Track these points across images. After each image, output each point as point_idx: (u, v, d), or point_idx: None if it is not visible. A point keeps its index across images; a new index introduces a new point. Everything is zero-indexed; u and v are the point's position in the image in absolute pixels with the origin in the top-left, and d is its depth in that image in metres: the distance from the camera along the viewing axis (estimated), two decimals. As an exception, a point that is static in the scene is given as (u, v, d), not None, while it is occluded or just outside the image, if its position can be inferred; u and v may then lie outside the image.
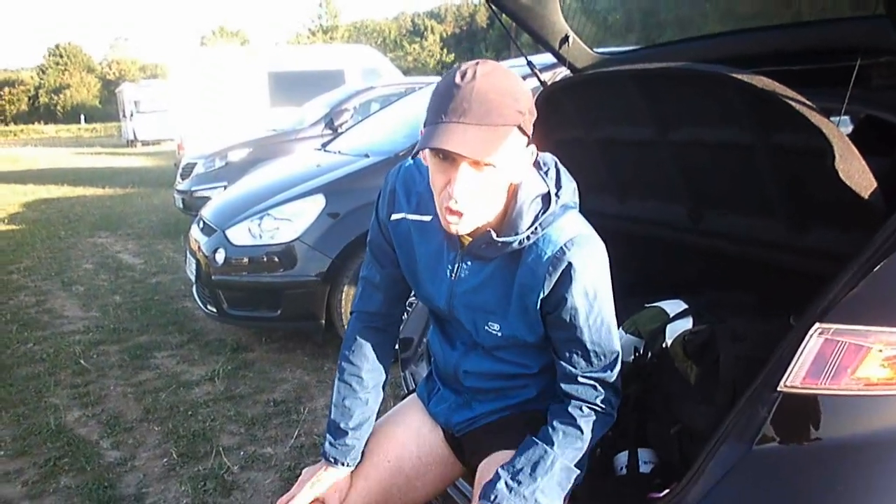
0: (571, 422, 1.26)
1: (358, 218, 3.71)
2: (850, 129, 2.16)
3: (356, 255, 3.66)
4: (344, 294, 3.68)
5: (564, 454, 1.24)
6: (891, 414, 1.14)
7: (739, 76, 1.42)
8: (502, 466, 1.26)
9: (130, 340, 4.33)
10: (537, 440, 1.27)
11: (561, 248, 1.19)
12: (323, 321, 3.73)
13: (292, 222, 3.74)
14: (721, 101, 1.56)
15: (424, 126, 1.13)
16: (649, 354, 1.71)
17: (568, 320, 1.23)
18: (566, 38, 2.17)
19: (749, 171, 1.65)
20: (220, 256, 3.82)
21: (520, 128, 1.12)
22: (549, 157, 1.30)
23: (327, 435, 1.47)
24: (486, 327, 1.32)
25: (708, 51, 1.97)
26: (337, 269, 3.66)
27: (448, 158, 1.11)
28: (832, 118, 1.41)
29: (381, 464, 1.48)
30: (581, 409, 1.27)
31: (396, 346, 1.66)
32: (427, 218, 1.33)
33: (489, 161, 1.10)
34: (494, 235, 1.20)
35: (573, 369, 1.27)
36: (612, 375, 1.28)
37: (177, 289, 5.52)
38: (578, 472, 1.27)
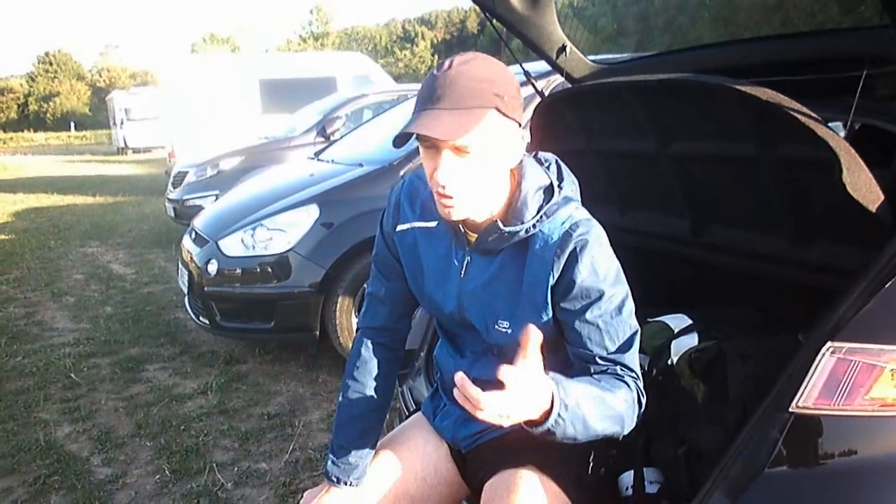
0: (615, 377, 1.21)
1: (352, 228, 3.68)
2: (843, 133, 2.14)
3: (350, 265, 3.63)
4: (338, 305, 3.64)
5: (616, 394, 1.17)
6: (906, 435, 1.11)
7: (743, 88, 1.40)
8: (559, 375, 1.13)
9: (122, 353, 4.27)
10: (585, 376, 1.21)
11: (567, 231, 1.22)
12: (317, 332, 3.69)
13: (286, 233, 3.70)
14: (724, 113, 1.54)
15: None
16: (654, 371, 1.68)
17: (580, 303, 1.23)
18: (563, 48, 2.15)
19: (752, 183, 1.63)
20: (213, 267, 3.77)
21: (499, 110, 1.15)
22: (549, 155, 1.35)
23: (330, 454, 1.44)
24: (497, 326, 1.32)
25: (709, 60, 1.95)
26: (331, 279, 3.62)
27: (433, 146, 1.15)
28: (829, 125, 1.39)
29: (386, 486, 1.44)
30: (616, 373, 1.22)
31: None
32: (433, 224, 1.36)
33: (467, 145, 1.13)
34: (501, 225, 1.23)
35: (590, 353, 1.24)
36: (633, 358, 1.25)
37: (168, 299, 5.46)
38: (617, 427, 1.18)
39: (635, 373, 1.26)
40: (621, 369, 1.24)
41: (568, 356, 1.34)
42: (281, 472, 2.78)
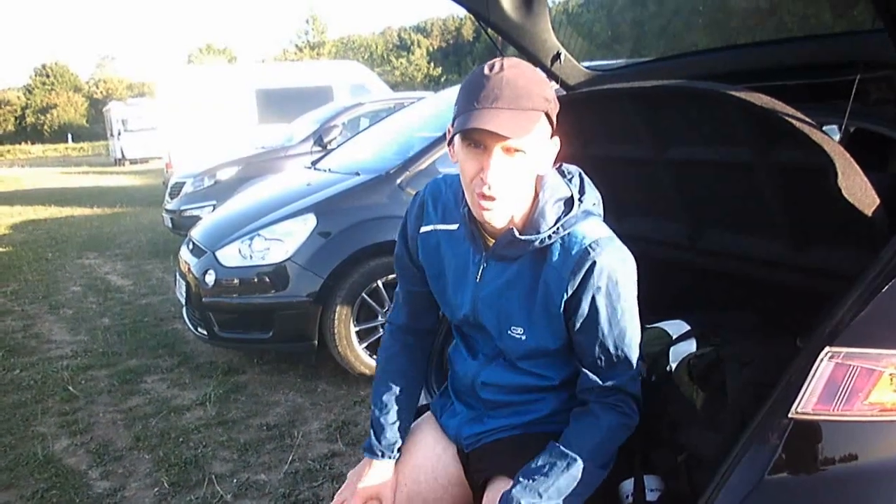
0: (591, 420, 1.28)
1: (349, 237, 3.68)
2: (838, 137, 2.14)
3: (348, 274, 3.63)
4: (336, 314, 3.63)
5: (582, 452, 1.24)
6: (906, 440, 1.11)
7: (738, 94, 1.40)
8: (521, 470, 1.27)
9: (119, 365, 4.26)
10: (557, 443, 1.28)
11: (586, 248, 1.22)
12: (315, 342, 3.68)
13: (283, 242, 3.70)
14: (720, 118, 1.54)
15: (455, 118, 1.18)
16: (653, 378, 1.67)
17: (591, 323, 1.25)
18: (558, 55, 2.15)
19: (749, 188, 1.63)
20: (211, 278, 3.77)
21: (547, 115, 1.18)
22: (573, 168, 1.37)
23: (370, 431, 1.50)
24: (510, 331, 1.33)
25: (703, 66, 1.95)
26: (329, 289, 3.62)
27: (480, 146, 1.16)
28: (825, 129, 1.39)
29: (400, 487, 1.47)
30: (600, 406, 1.29)
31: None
32: (454, 227, 1.37)
33: (520, 146, 1.15)
34: (517, 233, 1.24)
35: (595, 377, 1.28)
36: (635, 384, 1.30)
37: (166, 310, 5.45)
38: (601, 471, 1.27)
39: (634, 397, 1.30)
40: (621, 399, 1.29)
41: None
42: (280, 483, 2.77)
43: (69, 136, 52.26)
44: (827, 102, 1.65)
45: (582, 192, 1.30)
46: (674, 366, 1.63)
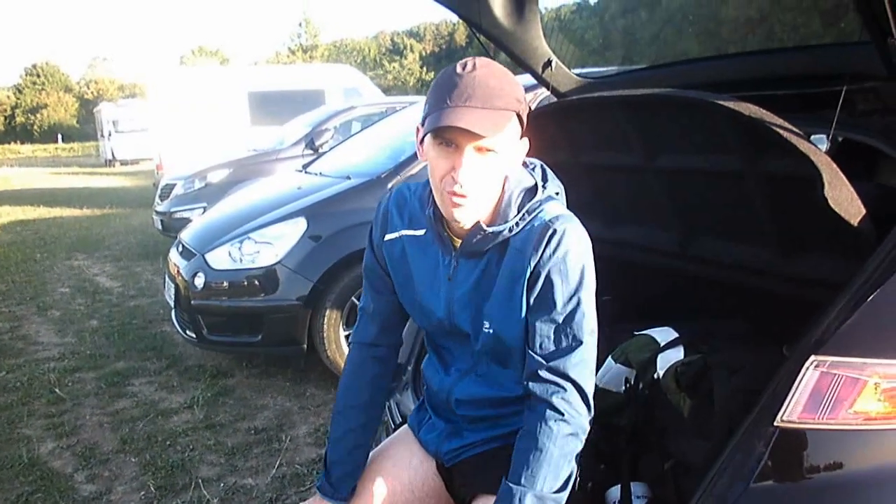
0: (532, 445, 1.22)
1: (340, 241, 3.67)
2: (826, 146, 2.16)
3: (338, 278, 3.63)
4: (326, 318, 3.62)
5: (531, 484, 1.20)
6: (891, 449, 1.11)
7: (726, 104, 1.41)
8: None
9: (107, 367, 4.22)
10: (507, 481, 1.23)
11: (547, 222, 1.22)
12: (305, 346, 3.67)
13: (273, 246, 3.69)
14: (709, 127, 1.55)
15: (426, 117, 1.17)
16: (640, 385, 1.68)
17: (544, 298, 1.23)
18: (549, 63, 2.16)
19: (738, 197, 1.64)
20: (200, 281, 3.75)
21: (518, 115, 1.19)
22: (535, 160, 1.36)
23: (323, 467, 1.45)
24: (483, 328, 1.32)
25: (694, 74, 1.97)
26: (319, 292, 3.61)
27: (452, 144, 1.15)
28: (812, 138, 1.41)
29: (374, 500, 1.44)
30: (543, 422, 1.22)
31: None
32: (421, 232, 1.36)
33: (492, 146, 1.15)
34: (484, 226, 1.24)
35: (540, 359, 1.24)
36: (581, 371, 1.23)
37: (155, 313, 5.42)
38: (557, 495, 1.21)
39: (579, 388, 1.23)
40: (563, 395, 1.22)
41: None
42: (268, 487, 2.76)
43: (59, 136, 51.95)
44: (815, 113, 1.66)
45: (545, 180, 1.31)
46: (661, 373, 1.64)
